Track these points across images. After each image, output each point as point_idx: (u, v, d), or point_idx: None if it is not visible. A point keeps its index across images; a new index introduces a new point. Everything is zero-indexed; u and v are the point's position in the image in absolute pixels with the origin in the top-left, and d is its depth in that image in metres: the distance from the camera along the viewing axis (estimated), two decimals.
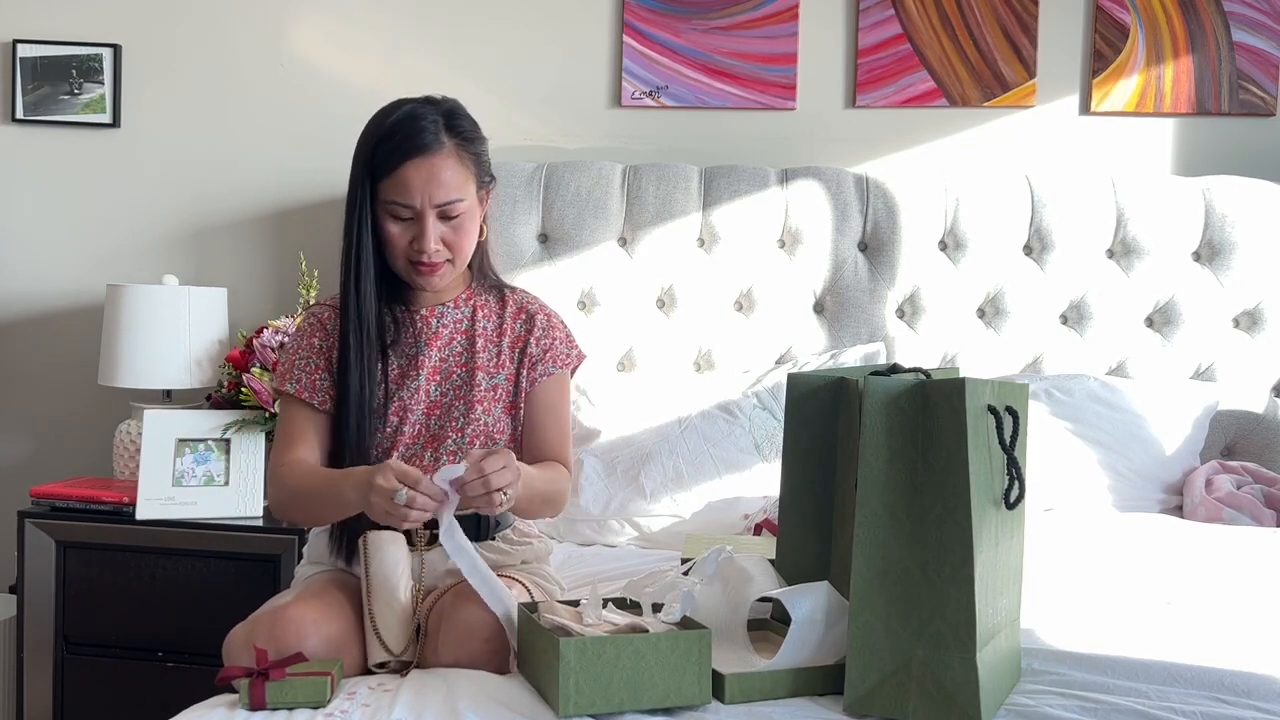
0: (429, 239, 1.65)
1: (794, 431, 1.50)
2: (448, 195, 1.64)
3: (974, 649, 1.25)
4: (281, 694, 1.31)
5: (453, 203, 1.65)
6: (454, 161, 1.65)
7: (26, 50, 2.92)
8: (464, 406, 1.72)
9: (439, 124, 1.65)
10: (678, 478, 2.33)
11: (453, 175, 1.65)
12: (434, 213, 1.65)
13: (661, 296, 2.71)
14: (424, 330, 1.75)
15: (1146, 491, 2.42)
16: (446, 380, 1.75)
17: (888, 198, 2.67)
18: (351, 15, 2.91)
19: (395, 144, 1.63)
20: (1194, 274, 2.62)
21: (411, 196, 1.64)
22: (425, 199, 1.64)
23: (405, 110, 1.67)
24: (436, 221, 1.65)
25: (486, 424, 1.73)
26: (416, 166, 1.63)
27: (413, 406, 1.72)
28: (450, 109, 1.69)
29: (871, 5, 2.78)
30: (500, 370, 1.76)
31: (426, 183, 1.63)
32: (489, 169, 1.74)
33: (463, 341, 1.77)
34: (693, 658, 1.29)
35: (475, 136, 1.70)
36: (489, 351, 1.76)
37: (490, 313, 1.79)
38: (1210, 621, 1.66)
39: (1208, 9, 2.71)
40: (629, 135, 2.85)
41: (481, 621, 1.51)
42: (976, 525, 1.25)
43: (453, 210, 1.66)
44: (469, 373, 1.74)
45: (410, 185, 1.63)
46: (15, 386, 3.01)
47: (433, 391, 1.74)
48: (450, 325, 1.77)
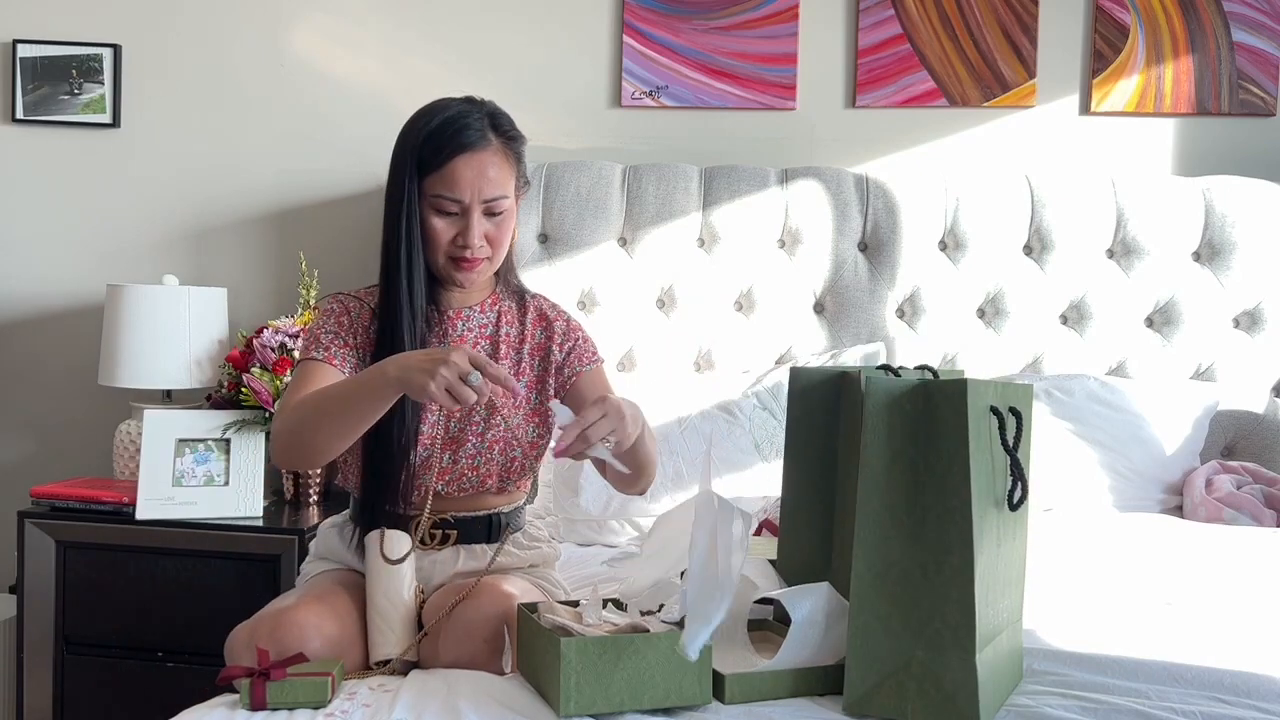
0: (474, 233, 1.67)
1: (795, 426, 1.50)
2: (495, 191, 1.67)
3: (973, 650, 1.25)
4: (282, 694, 1.31)
5: (498, 199, 1.67)
6: (500, 159, 1.68)
7: (26, 50, 2.92)
8: (484, 410, 1.72)
9: (485, 122, 1.68)
10: (678, 478, 2.33)
11: (499, 172, 1.67)
12: (480, 208, 1.67)
13: (661, 296, 2.71)
14: (450, 332, 1.76)
15: (1146, 491, 2.42)
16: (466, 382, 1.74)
17: (888, 198, 2.67)
18: (351, 15, 2.91)
19: (445, 139, 1.65)
20: (1194, 274, 2.62)
21: (461, 190, 1.65)
22: (474, 193, 1.65)
23: (454, 109, 1.69)
24: (482, 217, 1.67)
25: (507, 428, 1.73)
26: (466, 161, 1.65)
27: (432, 407, 1.71)
28: (493, 109, 1.72)
29: (871, 5, 2.78)
30: (521, 377, 1.77)
31: (476, 177, 1.65)
32: (526, 171, 1.76)
33: (486, 346, 1.78)
34: None
35: (518, 136, 1.73)
36: (511, 358, 1.77)
37: (513, 318, 1.80)
38: (1210, 621, 1.66)
39: (1208, 9, 2.71)
40: (629, 135, 2.85)
41: (483, 620, 1.52)
42: (977, 526, 1.25)
43: (498, 206, 1.68)
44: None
45: (460, 179, 1.65)
46: (15, 386, 3.01)
47: None
48: (475, 329, 1.78)
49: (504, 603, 1.55)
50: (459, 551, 1.74)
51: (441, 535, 1.73)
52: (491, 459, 1.72)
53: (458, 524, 1.74)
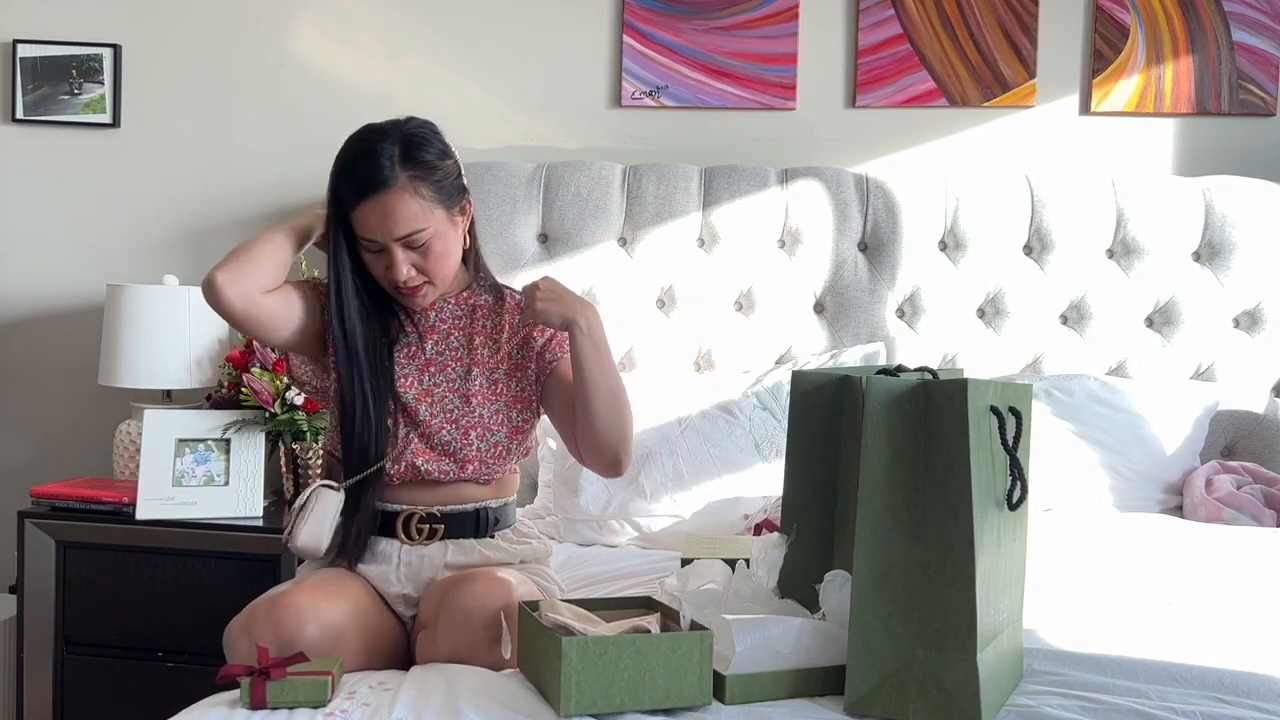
0: (399, 269, 1.68)
1: (797, 430, 1.50)
2: (406, 229, 1.66)
3: (974, 650, 1.25)
4: (282, 693, 1.32)
5: (413, 234, 1.67)
6: (408, 196, 1.66)
7: (26, 50, 2.92)
8: (458, 399, 1.76)
9: (394, 158, 1.67)
10: (678, 478, 2.33)
11: (408, 209, 1.66)
12: (398, 245, 1.67)
13: (661, 296, 2.71)
14: (422, 322, 1.80)
15: (1146, 491, 2.42)
16: (441, 373, 1.78)
17: (888, 198, 2.67)
18: (351, 15, 2.91)
19: (351, 184, 1.68)
20: (1194, 274, 2.62)
21: (371, 233, 1.68)
22: (385, 234, 1.67)
23: (362, 146, 1.70)
24: (404, 251, 1.68)
25: (483, 416, 1.75)
26: (370, 207, 1.66)
27: (407, 398, 1.76)
28: (409, 137, 1.70)
29: (871, 5, 2.78)
30: (500, 365, 1.79)
31: (382, 221, 1.66)
32: (458, 188, 1.74)
33: (460, 338, 1.80)
34: (694, 658, 1.29)
35: (433, 164, 1.70)
36: (488, 348, 1.80)
37: (488, 311, 1.82)
38: (1210, 621, 1.66)
39: (1208, 9, 2.71)
40: (629, 135, 2.85)
41: (481, 607, 1.53)
42: (978, 526, 1.25)
43: (416, 240, 1.68)
44: (465, 368, 1.78)
45: (367, 224, 1.67)
46: (15, 386, 3.00)
47: (425, 381, 1.77)
48: (449, 320, 1.81)
49: (501, 590, 1.56)
50: (446, 546, 1.75)
51: (429, 530, 1.75)
52: (469, 445, 1.74)
53: (445, 518, 1.75)
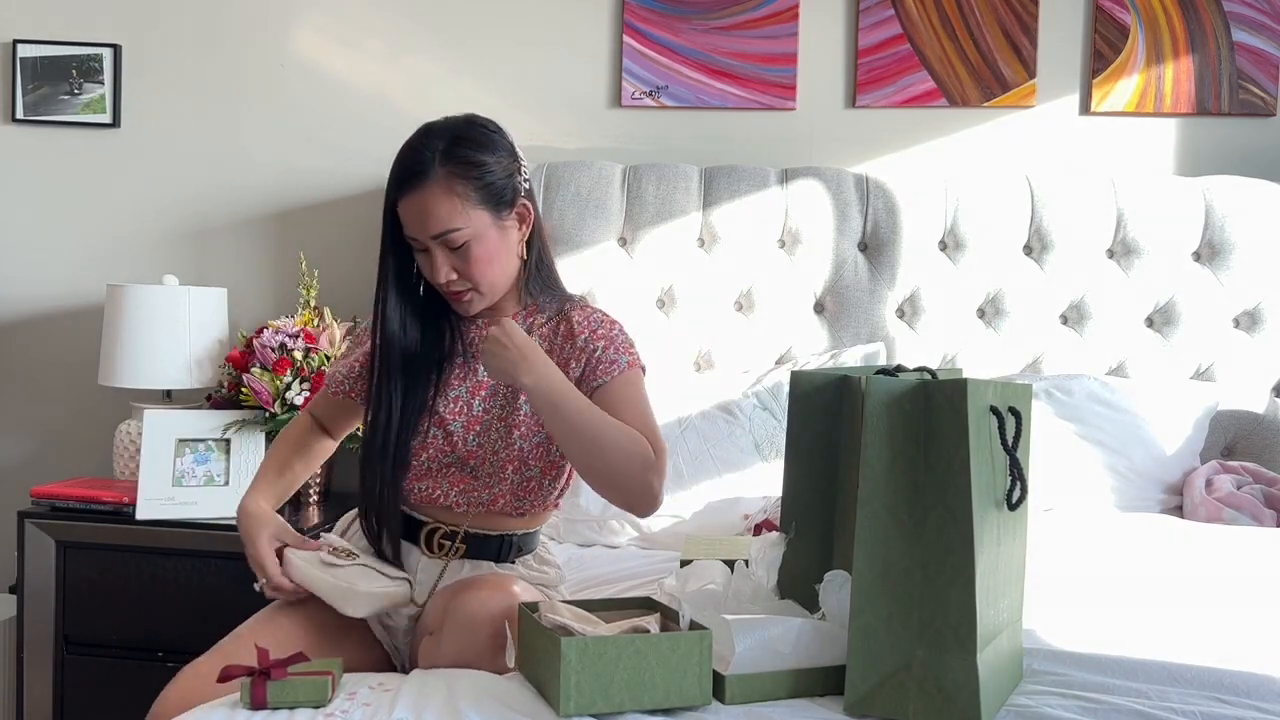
0: (437, 270, 1.64)
1: (796, 430, 1.50)
2: (440, 227, 1.61)
3: (974, 650, 1.25)
4: (283, 693, 1.32)
5: (448, 234, 1.61)
6: (442, 192, 1.60)
7: (26, 50, 2.92)
8: (503, 428, 1.69)
9: (436, 153, 1.62)
10: (678, 478, 2.33)
11: (444, 207, 1.61)
12: (436, 244, 1.63)
13: (661, 296, 2.71)
14: (475, 343, 1.73)
15: (1147, 492, 2.42)
16: (492, 398, 1.71)
17: (888, 198, 2.67)
18: (352, 15, 2.91)
19: (394, 177, 1.65)
20: (1194, 274, 2.62)
21: (411, 229, 1.64)
22: (422, 232, 1.63)
23: (412, 139, 1.66)
24: (443, 252, 1.63)
25: (522, 449, 1.68)
26: (409, 201, 1.62)
27: (449, 418, 1.70)
28: (460, 133, 1.65)
29: (871, 5, 2.78)
30: None
31: (418, 217, 1.62)
32: (509, 189, 1.66)
33: None
34: (693, 658, 1.29)
35: (478, 161, 1.63)
36: None
37: (545, 332, 1.71)
38: (1210, 621, 1.66)
39: (1208, 9, 2.71)
40: (629, 135, 2.85)
41: (487, 615, 1.51)
42: (978, 526, 1.25)
43: (453, 241, 1.62)
44: (514, 394, 1.69)
45: (407, 220, 1.64)
46: (15, 386, 3.01)
47: (475, 407, 1.70)
48: None
49: (507, 597, 1.54)
50: (464, 564, 1.72)
51: (451, 547, 1.70)
52: (504, 479, 1.68)
53: (468, 539, 1.71)
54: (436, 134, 1.65)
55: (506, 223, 1.67)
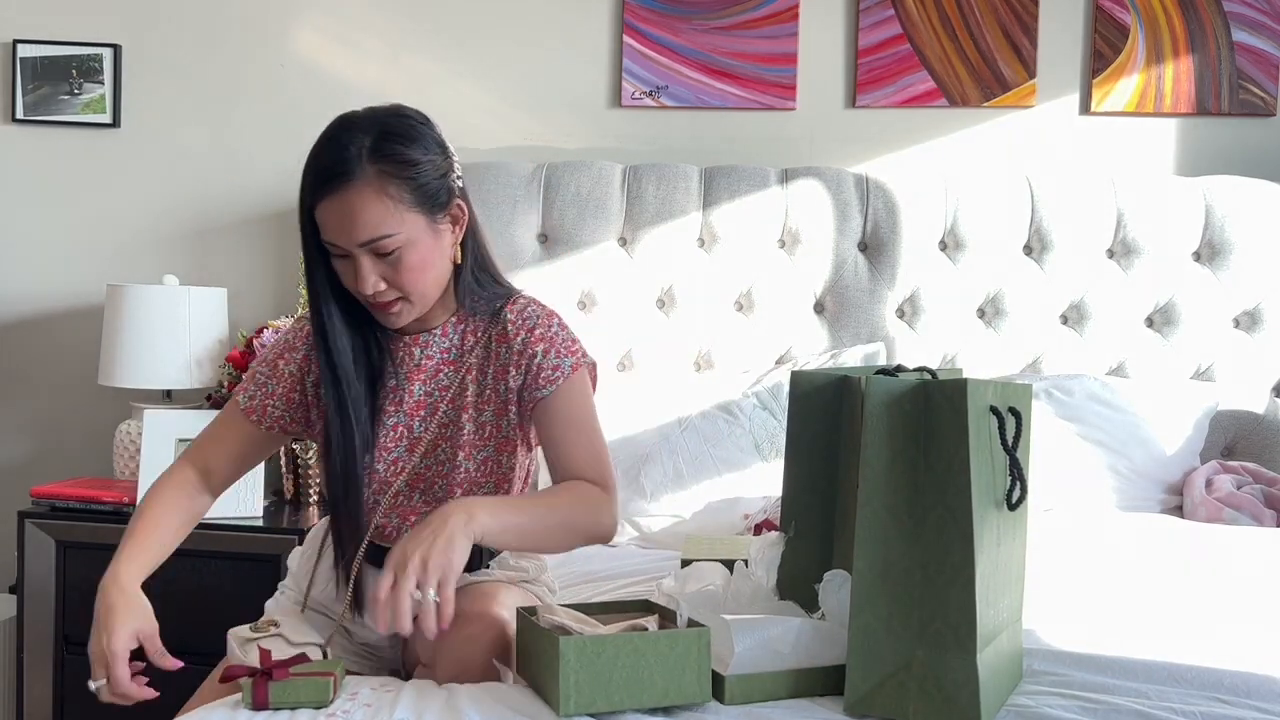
0: (363, 280, 1.45)
1: (796, 430, 1.50)
2: (370, 233, 1.43)
3: (975, 650, 1.25)
4: (285, 694, 1.31)
5: (378, 240, 1.43)
6: (372, 194, 1.42)
7: (26, 50, 2.92)
8: (449, 450, 1.56)
9: (362, 150, 1.43)
10: (678, 478, 2.33)
11: (372, 211, 1.42)
12: (363, 251, 1.44)
13: (661, 296, 2.71)
14: (406, 360, 1.58)
15: (1147, 491, 2.42)
16: (432, 417, 1.57)
17: (888, 198, 2.67)
18: (351, 15, 2.91)
19: (314, 175, 1.45)
20: (1194, 274, 2.62)
21: (332, 235, 1.45)
22: (348, 239, 1.44)
23: (330, 132, 1.46)
24: (371, 259, 1.45)
25: (469, 471, 1.56)
26: (330, 204, 1.43)
27: (389, 445, 1.57)
28: (388, 127, 1.46)
29: (871, 5, 2.78)
30: (487, 407, 1.56)
31: (342, 222, 1.43)
32: (444, 190, 1.49)
33: (450, 374, 1.58)
34: (692, 656, 1.29)
35: (411, 159, 1.45)
36: (476, 386, 1.57)
37: (478, 340, 1.58)
38: (1210, 621, 1.66)
39: (1208, 9, 2.71)
40: (629, 135, 2.85)
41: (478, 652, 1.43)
42: (978, 526, 1.25)
43: (383, 247, 1.44)
44: (456, 411, 1.56)
45: (329, 224, 1.44)
46: (15, 386, 3.01)
47: (416, 428, 1.57)
48: (436, 355, 1.58)
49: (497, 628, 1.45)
50: None
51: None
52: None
53: None
54: (360, 127, 1.45)
55: (441, 226, 1.50)
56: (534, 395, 1.52)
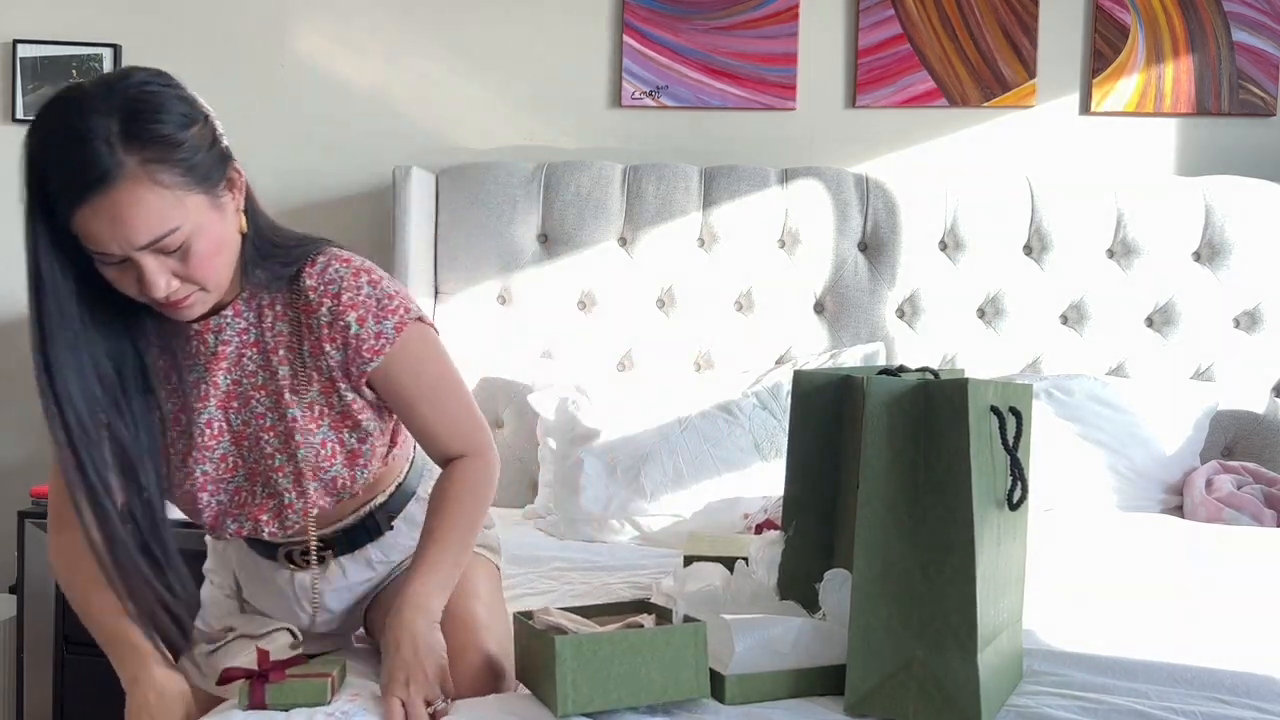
0: (155, 283, 1.26)
1: (798, 429, 1.50)
2: (151, 233, 1.23)
3: (975, 650, 1.25)
4: (281, 696, 1.30)
5: (162, 238, 1.24)
6: (143, 190, 1.21)
7: (26, 50, 2.92)
8: (279, 440, 1.41)
9: (112, 139, 1.20)
10: (678, 478, 2.33)
11: (148, 208, 1.22)
12: (146, 253, 1.25)
13: (661, 296, 2.71)
14: (200, 350, 1.40)
15: (1147, 491, 2.42)
16: (246, 407, 1.41)
17: (888, 198, 2.67)
18: (351, 15, 2.91)
19: (61, 183, 1.21)
20: (1194, 274, 2.62)
21: (106, 245, 1.23)
22: (124, 244, 1.23)
23: (63, 128, 1.21)
24: (157, 258, 1.26)
25: (308, 456, 1.41)
26: (94, 211, 1.21)
27: (208, 445, 1.41)
28: (132, 104, 1.23)
29: (871, 5, 2.78)
30: (312, 385, 1.41)
31: (114, 227, 1.22)
32: (217, 159, 1.30)
33: (256, 358, 1.41)
34: (689, 652, 1.28)
35: (173, 137, 1.24)
36: (290, 366, 1.41)
37: (281, 312, 1.41)
38: (1210, 621, 1.66)
39: (1208, 9, 2.71)
40: (629, 135, 2.85)
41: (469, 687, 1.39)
42: (978, 526, 1.25)
43: (169, 245, 1.25)
44: (273, 397, 1.41)
45: (97, 234, 1.22)
46: (15, 386, 3.00)
47: (233, 421, 1.42)
48: (234, 340, 1.41)
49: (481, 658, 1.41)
50: (342, 565, 1.52)
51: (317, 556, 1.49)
52: (306, 490, 1.43)
53: (329, 542, 1.49)
54: (97, 109, 1.21)
55: (222, 199, 1.32)
56: (361, 370, 1.39)
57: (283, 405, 1.40)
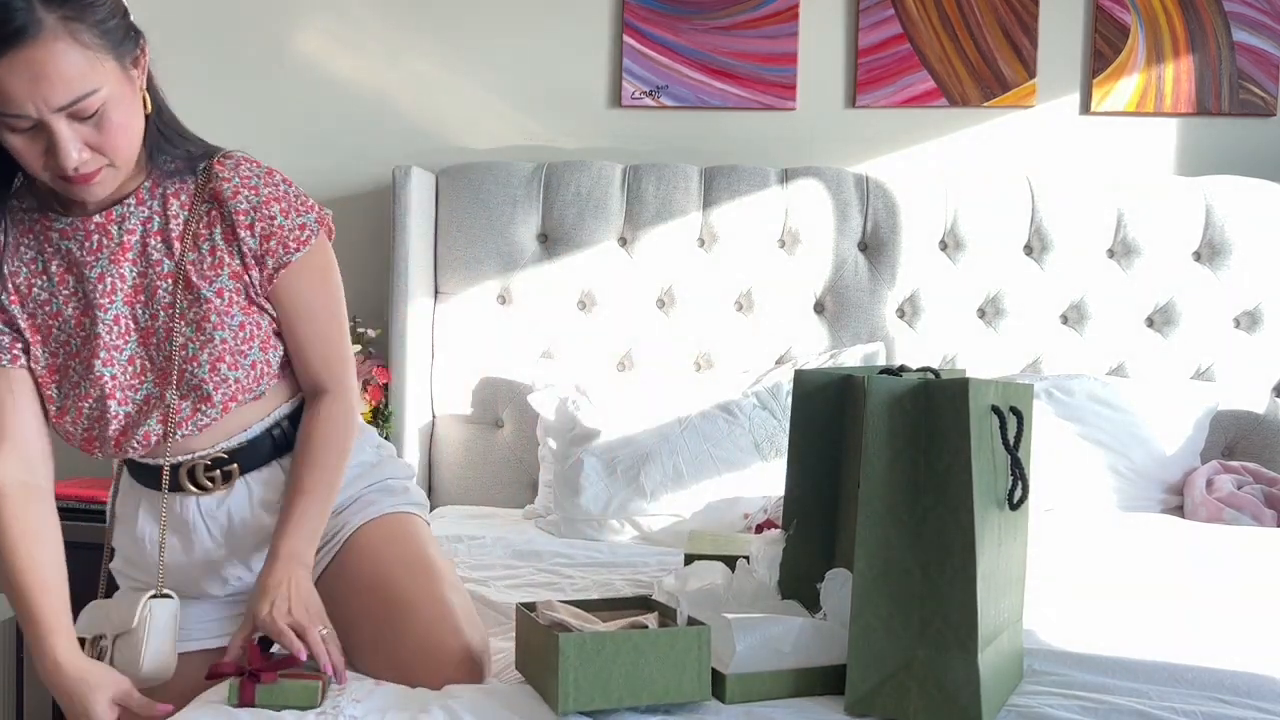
0: (66, 151, 1.25)
1: (799, 429, 1.50)
2: (71, 93, 1.23)
3: (975, 650, 1.25)
4: (271, 697, 1.28)
5: (81, 99, 1.24)
6: (64, 46, 1.22)
7: None
8: (191, 327, 1.39)
9: None
10: (678, 477, 2.33)
11: (70, 64, 1.22)
12: (60, 117, 1.24)
13: (661, 296, 2.71)
14: (104, 243, 1.38)
15: (1147, 492, 2.42)
16: (153, 299, 1.40)
17: (888, 198, 2.67)
18: (352, 15, 2.91)
19: None
20: (1194, 274, 2.62)
21: (21, 105, 1.22)
22: (40, 105, 1.22)
23: None
24: (70, 124, 1.25)
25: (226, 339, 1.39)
26: (12, 68, 1.20)
27: (116, 344, 1.39)
28: None
29: (871, 5, 2.78)
30: (222, 270, 1.40)
31: (33, 85, 1.21)
32: (127, 29, 1.33)
33: (160, 246, 1.40)
34: (692, 655, 1.29)
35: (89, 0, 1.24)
36: (199, 251, 1.40)
37: (186, 200, 1.41)
38: (1210, 621, 1.66)
39: (1208, 9, 2.71)
40: (629, 135, 2.85)
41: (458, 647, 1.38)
42: (979, 526, 1.25)
43: (85, 109, 1.25)
44: (182, 283, 1.39)
45: (13, 93, 1.21)
46: None
47: (141, 317, 1.40)
48: (139, 229, 1.40)
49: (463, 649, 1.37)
50: (249, 486, 1.49)
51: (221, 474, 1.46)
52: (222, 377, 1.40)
53: (235, 455, 1.46)
54: None
55: (132, 73, 1.33)
56: (281, 261, 1.41)
57: (194, 288, 1.39)
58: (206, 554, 1.50)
